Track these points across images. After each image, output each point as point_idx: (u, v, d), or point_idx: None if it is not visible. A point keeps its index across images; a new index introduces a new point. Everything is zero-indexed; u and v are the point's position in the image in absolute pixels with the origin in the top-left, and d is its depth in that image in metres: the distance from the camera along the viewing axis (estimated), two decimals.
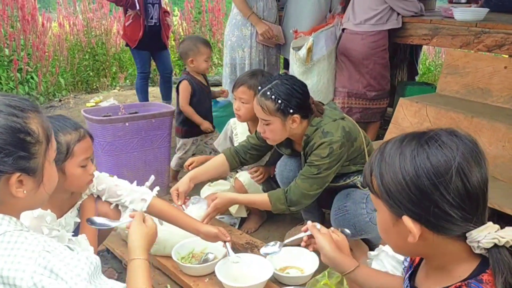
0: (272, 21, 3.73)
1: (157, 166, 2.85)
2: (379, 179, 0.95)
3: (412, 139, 0.94)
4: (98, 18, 6.75)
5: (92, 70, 6.59)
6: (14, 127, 0.95)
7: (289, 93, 1.99)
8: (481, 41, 2.79)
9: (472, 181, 0.88)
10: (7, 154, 0.94)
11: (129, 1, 4.24)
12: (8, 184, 0.97)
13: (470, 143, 0.92)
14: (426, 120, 2.75)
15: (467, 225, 0.90)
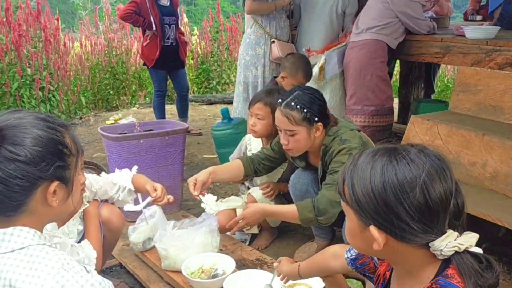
0: (285, 40, 3.81)
1: (170, 182, 2.90)
2: (351, 189, 1.00)
3: (384, 154, 0.99)
4: (119, 38, 6.93)
5: (112, 88, 6.75)
6: (55, 139, 1.05)
7: (312, 101, 2.06)
8: (492, 59, 2.79)
9: (433, 196, 0.93)
10: (48, 163, 1.03)
11: (146, 22, 4.37)
12: (46, 192, 1.05)
13: (437, 160, 0.97)
14: (438, 137, 2.74)
15: (429, 236, 0.95)
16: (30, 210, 1.05)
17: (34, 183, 1.03)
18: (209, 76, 7.42)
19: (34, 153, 1.01)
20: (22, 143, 1.00)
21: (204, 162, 4.17)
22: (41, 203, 1.06)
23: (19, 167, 1.00)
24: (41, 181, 1.04)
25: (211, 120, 5.78)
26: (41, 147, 1.03)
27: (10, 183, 1.00)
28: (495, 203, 2.31)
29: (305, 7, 3.82)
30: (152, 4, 4.38)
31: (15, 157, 1.00)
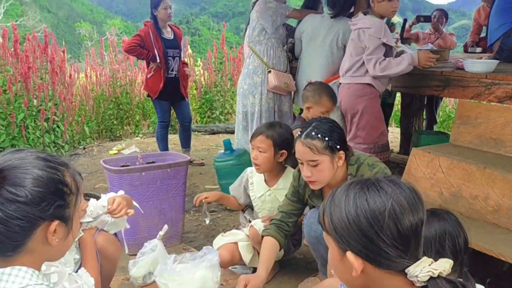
0: (282, 70, 3.93)
1: (171, 215, 2.90)
2: (329, 218, 1.07)
3: (357, 184, 1.07)
4: (124, 69, 7.04)
5: (116, 118, 6.82)
6: (55, 179, 1.07)
7: (332, 130, 2.08)
8: (492, 93, 2.81)
9: (403, 223, 1.00)
10: (49, 202, 1.04)
11: (150, 55, 4.46)
12: (47, 232, 1.06)
13: (408, 190, 1.04)
14: (439, 170, 2.74)
15: (403, 261, 1.00)
16: (29, 249, 1.06)
17: (34, 223, 1.04)
18: (212, 106, 7.49)
19: (35, 194, 1.02)
20: (22, 184, 1.02)
21: None
22: (41, 242, 1.08)
23: (19, 208, 1.01)
24: (42, 221, 1.05)
25: (213, 150, 5.80)
26: (42, 187, 1.04)
27: (10, 224, 1.01)
28: (498, 238, 2.29)
29: (306, 41, 3.89)
30: (156, 37, 4.47)
31: (15, 198, 1.01)
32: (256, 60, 3.93)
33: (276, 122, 2.81)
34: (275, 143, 2.58)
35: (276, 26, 3.93)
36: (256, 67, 3.93)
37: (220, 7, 58.29)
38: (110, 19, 46.31)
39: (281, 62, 3.96)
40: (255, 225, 2.55)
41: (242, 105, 4.01)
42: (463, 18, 19.89)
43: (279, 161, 2.63)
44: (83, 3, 51.02)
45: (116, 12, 55.89)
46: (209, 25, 53.68)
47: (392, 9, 3.03)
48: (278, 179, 2.69)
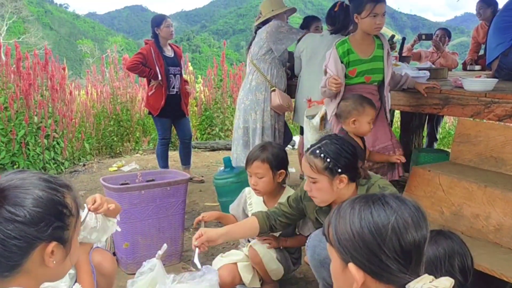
0: (282, 89, 4.01)
1: (171, 233, 2.88)
2: (334, 229, 1.09)
3: (363, 198, 1.10)
4: (124, 86, 7.07)
5: (116, 135, 6.83)
6: (55, 200, 1.06)
7: (338, 152, 2.05)
8: (491, 111, 2.82)
9: (406, 238, 1.01)
10: (47, 223, 1.03)
11: (151, 72, 4.48)
12: (44, 253, 1.05)
13: (412, 207, 1.06)
14: (439, 189, 2.74)
15: (404, 276, 1.02)
16: (26, 270, 1.05)
17: (31, 243, 1.03)
18: (212, 123, 7.50)
19: (34, 214, 1.02)
20: (22, 204, 1.02)
21: (206, 210, 4.12)
22: (38, 264, 1.06)
23: (17, 227, 1.00)
24: (39, 242, 1.04)
25: (213, 167, 5.79)
26: (41, 207, 1.03)
27: (8, 244, 1.00)
28: (500, 257, 2.28)
29: (306, 59, 3.92)
30: (157, 55, 4.50)
31: (14, 218, 1.00)
32: (260, 77, 3.97)
33: (267, 142, 2.76)
34: (271, 166, 2.54)
35: (284, 49, 4.00)
36: (260, 84, 3.96)
37: (221, 24, 58.83)
38: (111, 36, 46.71)
39: (282, 82, 4.04)
40: (255, 246, 2.53)
41: (243, 120, 4.02)
42: (461, 36, 20.14)
43: (278, 181, 2.61)
44: (85, 21, 51.53)
45: (118, 30, 56.41)
46: (210, 42, 54.11)
47: (375, 26, 2.93)
48: (277, 200, 2.63)
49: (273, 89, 3.91)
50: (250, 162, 2.55)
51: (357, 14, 2.94)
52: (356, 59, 3.02)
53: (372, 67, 3.04)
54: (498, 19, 3.65)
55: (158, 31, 4.54)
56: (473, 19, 6.98)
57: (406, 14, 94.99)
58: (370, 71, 3.05)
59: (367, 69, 3.04)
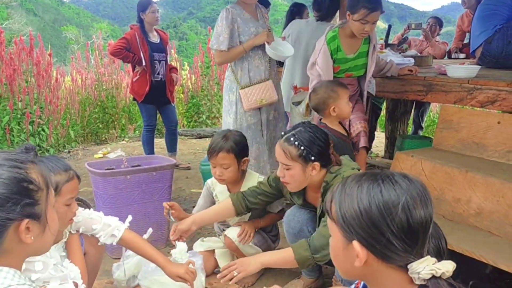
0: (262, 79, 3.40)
1: (156, 218, 2.89)
2: (338, 206, 1.07)
3: (371, 176, 1.08)
4: (109, 73, 7.01)
5: (102, 122, 6.78)
6: (18, 178, 1.04)
7: (311, 140, 2.07)
8: (474, 97, 2.86)
9: (414, 217, 1.00)
10: (14, 202, 1.02)
11: (136, 58, 4.45)
12: (18, 231, 1.04)
13: (419, 186, 1.05)
14: (422, 174, 2.78)
15: (408, 256, 1.01)
16: (5, 250, 1.05)
17: (3, 225, 1.02)
18: (199, 110, 7.48)
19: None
20: None
21: (192, 196, 4.16)
22: (16, 242, 1.06)
23: None
24: (10, 222, 1.03)
25: (200, 154, 5.79)
26: (4, 188, 1.02)
27: None
28: (480, 240, 2.33)
29: None
30: (142, 40, 4.47)
31: None
32: (231, 75, 3.48)
33: (227, 131, 2.67)
34: (236, 155, 2.52)
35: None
36: (232, 82, 3.47)
37: (208, 11, 58.30)
38: (96, 22, 46.02)
39: (262, 71, 3.41)
40: (229, 234, 2.56)
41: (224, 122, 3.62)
42: (448, 25, 20.28)
43: (242, 169, 2.61)
44: (70, 7, 50.70)
45: (103, 16, 55.56)
46: (197, 30, 53.63)
47: (362, 32, 2.93)
48: (241, 185, 2.64)
49: (242, 88, 3.38)
50: (215, 154, 2.50)
51: (350, 12, 2.95)
52: (342, 57, 3.05)
53: (356, 64, 3.09)
54: (482, 7, 3.69)
55: (143, 16, 4.50)
56: (459, 9, 7.02)
57: (393, 3, 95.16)
58: (352, 69, 3.10)
59: (349, 67, 3.09)
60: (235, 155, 2.51)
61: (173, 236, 2.27)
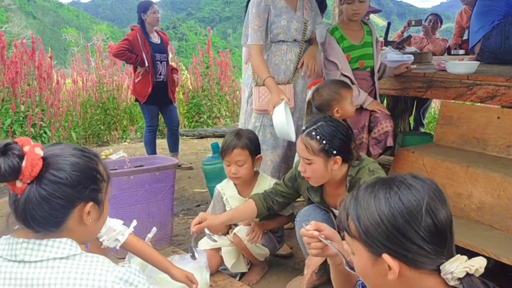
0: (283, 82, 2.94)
1: (160, 218, 2.91)
2: (357, 222, 1.03)
3: (383, 184, 1.04)
4: (110, 74, 7.04)
5: (103, 124, 6.81)
6: (90, 167, 1.22)
7: (333, 134, 2.08)
8: (474, 93, 2.88)
9: (439, 217, 0.99)
10: (84, 185, 1.19)
11: (138, 59, 4.47)
12: (82, 212, 1.20)
13: (433, 184, 1.03)
14: (423, 170, 2.80)
15: (439, 257, 0.99)
16: (69, 228, 1.19)
17: (72, 202, 1.18)
18: (199, 111, 7.50)
19: (73, 177, 1.17)
20: (63, 169, 1.17)
21: (195, 196, 4.19)
22: (78, 222, 1.21)
23: (60, 188, 1.15)
24: (78, 201, 1.19)
25: (201, 154, 5.81)
26: (79, 172, 1.18)
27: (52, 202, 1.15)
28: (481, 234, 2.35)
29: None
30: (144, 41, 4.49)
31: (57, 180, 1.15)
32: (249, 68, 3.06)
33: (239, 129, 2.67)
34: (251, 151, 2.51)
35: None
36: (249, 77, 3.05)
37: (207, 12, 58.33)
38: (96, 24, 46.06)
39: (280, 71, 2.92)
40: (238, 233, 2.55)
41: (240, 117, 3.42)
42: (447, 22, 20.35)
43: (256, 167, 2.61)
44: (69, 9, 50.74)
45: (103, 18, 55.60)
46: (196, 30, 53.68)
47: (352, 12, 2.97)
48: (252, 188, 2.63)
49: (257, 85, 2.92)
50: (229, 151, 2.49)
51: (340, 2, 3.01)
52: (348, 45, 3.04)
53: (364, 52, 3.08)
54: (480, 3, 3.70)
55: (144, 17, 4.53)
56: (458, 5, 7.01)
57: (392, 0, 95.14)
58: (362, 57, 3.09)
59: (360, 55, 3.07)
60: (250, 152, 2.51)
61: (195, 228, 2.23)
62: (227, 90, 7.81)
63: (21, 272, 1.13)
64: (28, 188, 1.13)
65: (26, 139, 1.16)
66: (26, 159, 1.12)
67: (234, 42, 39.28)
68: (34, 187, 1.13)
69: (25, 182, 1.13)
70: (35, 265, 1.13)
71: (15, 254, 1.14)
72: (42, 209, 1.14)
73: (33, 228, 1.16)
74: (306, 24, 2.92)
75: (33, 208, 1.13)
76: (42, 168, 1.14)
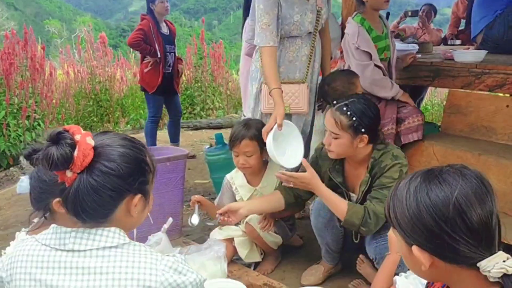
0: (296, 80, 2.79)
1: (171, 208, 2.88)
2: (393, 213, 1.04)
3: (419, 176, 1.02)
4: (102, 65, 6.94)
5: (96, 115, 6.73)
6: (139, 158, 1.19)
7: (364, 112, 2.09)
8: (482, 82, 2.89)
9: (471, 216, 0.94)
10: (134, 177, 1.17)
11: (152, 50, 4.46)
12: (129, 203, 1.18)
13: (474, 180, 0.98)
14: (434, 158, 2.82)
15: (473, 255, 0.94)
16: (116, 219, 1.18)
17: (122, 194, 1.16)
18: (193, 102, 7.45)
19: (125, 169, 1.15)
20: (115, 160, 1.14)
21: (196, 187, 4.16)
22: (124, 214, 1.19)
23: (112, 179, 1.13)
24: (127, 193, 1.17)
25: (198, 146, 5.78)
26: (130, 163, 1.16)
27: (103, 194, 1.13)
28: None
29: None
30: (156, 32, 4.51)
31: (109, 171, 1.13)
32: (258, 61, 2.77)
33: (248, 119, 2.64)
34: (259, 142, 2.48)
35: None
36: (258, 71, 2.78)
37: (192, 3, 57.81)
38: (79, 16, 45.36)
39: (295, 68, 2.74)
40: (250, 221, 2.54)
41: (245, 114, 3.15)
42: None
43: (264, 157, 2.57)
44: (51, 1, 49.84)
45: (86, 9, 54.71)
46: (181, 22, 53.28)
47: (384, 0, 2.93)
48: (261, 177, 2.62)
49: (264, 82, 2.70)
50: (238, 142, 2.47)
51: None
52: (376, 36, 3.00)
53: (387, 44, 3.06)
54: None
55: (153, 7, 4.53)
56: None
57: None
58: (387, 48, 3.07)
59: (384, 46, 3.05)
60: (258, 142, 2.48)
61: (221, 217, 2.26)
62: (220, 81, 7.75)
63: (70, 261, 1.12)
64: (78, 178, 1.11)
65: (76, 127, 1.13)
66: (78, 148, 1.09)
67: (220, 33, 39.07)
68: (85, 178, 1.11)
69: (75, 172, 1.10)
70: (85, 254, 1.12)
71: (64, 243, 1.13)
72: (92, 200, 1.12)
73: (82, 218, 1.15)
74: (319, 12, 2.71)
75: (83, 199, 1.12)
76: (93, 158, 1.12)
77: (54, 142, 1.09)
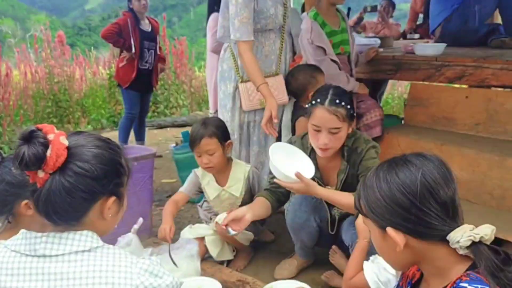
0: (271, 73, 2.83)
1: (140, 209, 2.82)
2: (365, 201, 1.11)
3: (385, 164, 1.12)
4: (60, 65, 6.74)
5: (56, 116, 6.54)
6: (115, 160, 1.16)
7: (350, 98, 2.12)
8: (442, 74, 2.98)
9: (438, 190, 1.03)
10: (109, 179, 1.13)
11: (126, 44, 4.50)
12: (104, 206, 1.15)
13: (436, 161, 1.08)
14: (398, 149, 2.88)
15: (443, 227, 1.03)
16: (89, 222, 1.14)
17: (95, 196, 1.13)
18: (156, 100, 7.34)
19: (99, 170, 1.11)
20: (88, 160, 1.11)
21: (164, 187, 4.11)
22: (97, 216, 1.15)
23: (85, 181, 1.10)
24: (101, 195, 1.14)
25: (163, 145, 5.71)
26: (104, 165, 1.13)
27: (76, 195, 1.09)
28: None
29: None
30: (134, 27, 4.53)
31: (83, 172, 1.09)
32: (230, 59, 2.78)
33: (204, 118, 2.63)
34: (219, 139, 2.46)
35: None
36: (230, 69, 2.78)
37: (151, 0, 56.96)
38: (34, 14, 43.86)
39: (271, 62, 2.80)
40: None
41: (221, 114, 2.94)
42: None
43: (227, 153, 2.57)
44: None
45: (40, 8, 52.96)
46: None
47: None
48: (228, 176, 2.60)
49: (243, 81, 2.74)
50: (198, 141, 2.43)
51: None
52: (330, 31, 3.01)
53: (343, 38, 3.08)
54: None
55: (131, 6, 4.57)
56: None
57: None
58: (343, 42, 3.09)
59: (340, 40, 3.07)
60: (218, 139, 2.46)
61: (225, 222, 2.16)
62: (183, 79, 7.68)
63: (42, 267, 1.08)
64: (50, 179, 1.07)
65: (49, 126, 1.08)
66: (51, 148, 1.05)
67: (181, 30, 38.63)
68: (57, 178, 1.07)
69: (47, 172, 1.07)
70: (57, 259, 1.08)
71: (35, 248, 1.09)
72: (64, 201, 1.08)
73: (54, 220, 1.11)
74: (286, 5, 2.77)
75: (55, 200, 1.08)
76: (67, 159, 1.08)
77: (26, 141, 1.04)
